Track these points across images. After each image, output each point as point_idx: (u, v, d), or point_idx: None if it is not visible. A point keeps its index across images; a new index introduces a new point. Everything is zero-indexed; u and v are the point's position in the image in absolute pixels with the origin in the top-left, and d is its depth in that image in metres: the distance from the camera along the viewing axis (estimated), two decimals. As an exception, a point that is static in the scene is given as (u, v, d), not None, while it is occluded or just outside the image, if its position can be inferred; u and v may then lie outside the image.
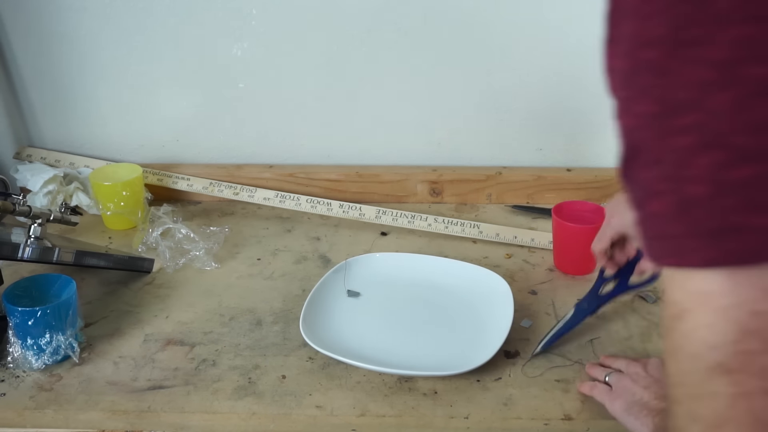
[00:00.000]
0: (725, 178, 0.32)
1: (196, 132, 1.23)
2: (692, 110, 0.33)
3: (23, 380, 0.80)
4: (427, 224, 1.11)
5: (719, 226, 0.33)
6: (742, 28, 0.31)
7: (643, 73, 0.35)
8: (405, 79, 1.16)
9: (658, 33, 0.33)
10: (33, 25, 1.15)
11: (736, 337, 0.34)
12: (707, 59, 0.32)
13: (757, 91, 0.32)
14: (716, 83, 0.32)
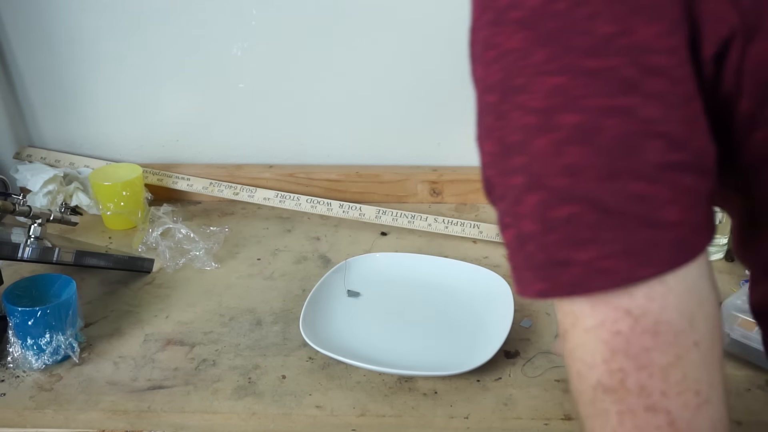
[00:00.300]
0: (549, 217, 0.35)
1: (196, 132, 1.23)
2: (521, 153, 0.36)
3: (23, 380, 0.80)
4: (427, 224, 1.11)
5: (547, 260, 0.36)
6: (555, 79, 0.35)
7: (486, 115, 0.38)
8: (405, 79, 1.16)
9: (495, 79, 0.37)
10: (33, 25, 1.15)
11: (606, 356, 0.36)
12: (529, 106, 0.35)
13: (569, 137, 0.34)
14: (537, 129, 0.35)
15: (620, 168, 0.34)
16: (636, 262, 0.34)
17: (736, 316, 0.79)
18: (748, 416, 0.73)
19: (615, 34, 0.34)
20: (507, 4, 0.36)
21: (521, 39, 0.35)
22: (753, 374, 0.78)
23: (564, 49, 0.35)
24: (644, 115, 0.34)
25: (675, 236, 0.35)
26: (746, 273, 0.98)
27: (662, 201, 0.35)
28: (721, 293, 0.93)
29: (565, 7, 0.34)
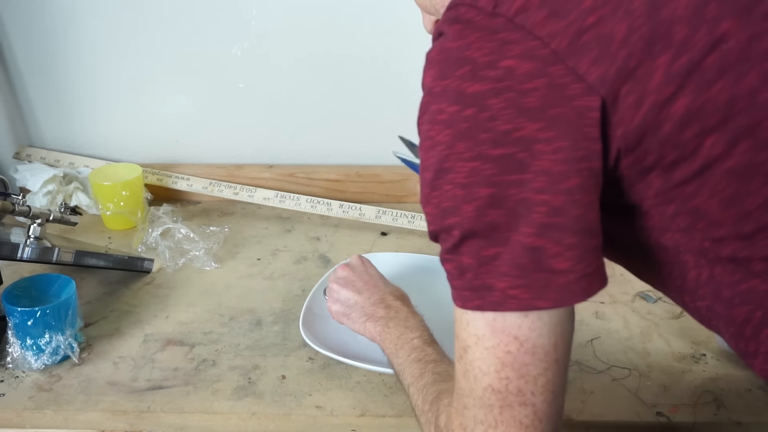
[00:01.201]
0: (482, 255, 0.48)
1: (196, 132, 1.23)
2: (454, 215, 0.49)
3: (22, 380, 0.79)
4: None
5: (480, 285, 0.48)
6: (472, 164, 0.47)
7: (425, 187, 0.51)
8: (405, 79, 1.16)
9: (431, 162, 0.50)
10: (33, 25, 1.15)
11: (497, 368, 0.49)
12: (456, 182, 0.48)
13: (487, 203, 0.47)
14: (463, 198, 0.48)
15: (520, 224, 0.47)
16: (534, 295, 0.47)
17: (737, 316, 0.79)
18: (749, 417, 0.73)
19: (510, 131, 0.46)
20: (435, 109, 0.50)
21: (446, 135, 0.49)
22: (753, 374, 0.78)
23: (475, 142, 0.47)
24: (533, 186, 0.46)
25: (564, 281, 0.47)
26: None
27: (550, 253, 0.46)
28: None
29: (472, 112, 0.47)
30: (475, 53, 0.48)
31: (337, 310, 0.81)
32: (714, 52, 0.44)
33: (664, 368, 0.80)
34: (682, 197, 0.48)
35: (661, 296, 0.93)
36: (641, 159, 0.47)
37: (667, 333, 0.86)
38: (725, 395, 0.76)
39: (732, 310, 0.50)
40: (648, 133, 0.46)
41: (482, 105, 0.47)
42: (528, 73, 0.46)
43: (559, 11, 0.46)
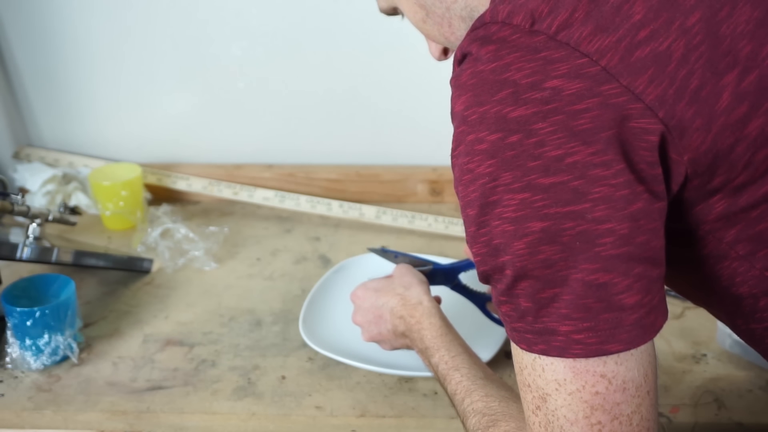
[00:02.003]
0: (540, 297, 0.44)
1: (195, 132, 1.23)
2: (505, 253, 0.45)
3: (22, 381, 0.79)
4: (427, 224, 1.10)
5: (542, 329, 0.44)
6: (521, 195, 0.43)
7: (470, 225, 0.47)
8: (405, 79, 1.16)
9: (474, 197, 0.46)
10: (33, 25, 1.15)
11: (586, 413, 0.44)
12: (505, 217, 0.44)
13: (540, 239, 0.43)
14: (513, 234, 0.44)
15: (580, 261, 0.43)
16: (603, 338, 0.43)
17: (738, 316, 0.79)
18: (750, 417, 0.73)
19: (561, 156, 0.43)
20: (473, 139, 0.45)
21: (488, 165, 0.44)
22: (754, 375, 0.78)
23: (524, 172, 0.43)
24: (593, 217, 0.42)
25: (635, 318, 0.43)
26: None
27: (618, 288, 0.43)
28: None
29: (518, 138, 0.43)
30: (515, 75, 0.44)
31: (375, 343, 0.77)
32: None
33: (664, 368, 0.80)
34: (746, 222, 0.45)
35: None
36: (707, 182, 0.45)
37: (667, 333, 0.86)
38: (726, 396, 0.75)
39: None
40: (719, 156, 0.43)
41: (528, 130, 0.43)
42: (577, 93, 0.42)
43: (606, 26, 0.43)
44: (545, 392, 0.45)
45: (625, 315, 0.43)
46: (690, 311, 0.90)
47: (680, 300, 0.92)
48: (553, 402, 0.45)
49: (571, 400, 0.44)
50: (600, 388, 0.44)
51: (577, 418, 0.44)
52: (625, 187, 0.42)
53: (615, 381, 0.44)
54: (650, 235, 0.44)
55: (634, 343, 0.44)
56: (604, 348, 0.43)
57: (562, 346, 0.44)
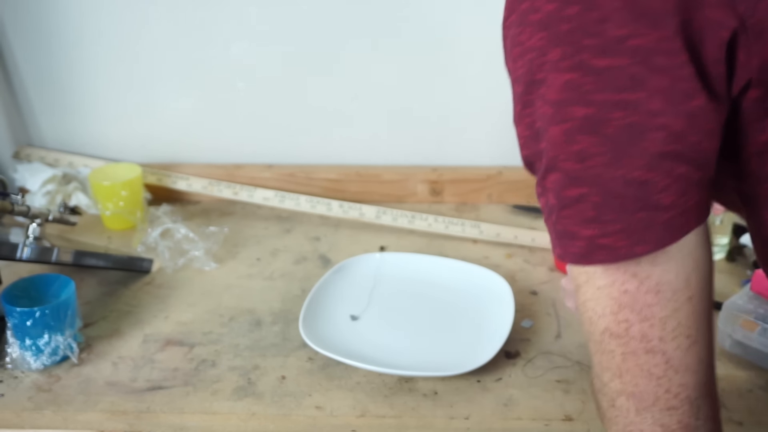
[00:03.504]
0: (563, 195, 0.41)
1: (195, 132, 1.23)
2: (543, 138, 0.42)
3: (21, 381, 0.79)
4: (427, 224, 1.10)
5: (562, 231, 0.42)
6: (568, 75, 0.39)
7: (516, 103, 0.44)
8: (405, 79, 1.16)
9: (521, 73, 0.42)
10: (33, 25, 1.15)
11: (613, 309, 0.43)
12: (547, 98, 0.41)
13: (580, 127, 0.40)
14: (552, 118, 0.40)
15: (624, 156, 0.39)
16: (634, 240, 0.40)
17: (738, 316, 0.79)
18: (749, 417, 0.73)
19: (624, 37, 0.38)
20: (527, 8, 0.41)
21: (539, 38, 0.40)
22: (754, 375, 0.78)
23: (576, 49, 0.39)
24: (648, 109, 0.38)
25: (667, 218, 0.40)
26: (747, 273, 0.98)
27: (659, 186, 0.40)
28: (721, 293, 0.92)
29: (577, 11, 0.39)
30: None
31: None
32: None
33: (664, 368, 0.80)
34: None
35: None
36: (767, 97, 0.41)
37: (667, 333, 0.86)
38: (726, 396, 0.75)
39: None
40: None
41: (590, 3, 0.38)
42: None
43: None
44: (578, 282, 0.45)
45: (658, 215, 0.40)
46: (690, 311, 0.90)
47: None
48: (583, 293, 0.44)
49: (599, 294, 0.43)
50: (630, 287, 0.42)
51: (604, 313, 0.43)
52: (687, 81, 0.39)
53: (647, 282, 0.41)
54: (703, 136, 0.40)
55: (661, 244, 0.41)
56: (633, 251, 0.40)
57: (580, 253, 0.42)
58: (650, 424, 0.44)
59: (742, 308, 0.80)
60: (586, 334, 0.46)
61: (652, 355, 0.42)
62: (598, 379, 0.47)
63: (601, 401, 0.48)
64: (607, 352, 0.44)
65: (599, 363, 0.45)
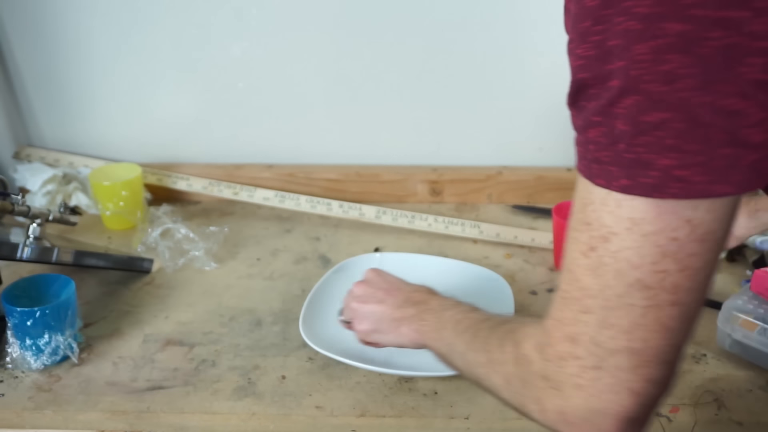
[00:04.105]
0: (640, 120, 0.37)
1: (195, 132, 1.23)
2: (620, 57, 0.37)
3: (22, 381, 0.79)
4: (427, 224, 1.10)
5: (633, 160, 0.38)
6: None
7: (584, 19, 0.39)
8: (405, 79, 1.16)
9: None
10: (33, 25, 1.15)
11: (655, 259, 0.40)
12: (635, 12, 0.36)
13: (671, 45, 0.36)
14: (639, 34, 0.36)
15: (717, 80, 0.36)
16: (714, 177, 0.37)
17: (737, 316, 0.79)
18: (749, 417, 0.73)
19: None
20: None
21: None
22: (754, 375, 0.78)
23: None
24: (750, 30, 0.35)
25: (754, 159, 0.37)
26: (747, 273, 0.98)
27: (751, 120, 0.36)
28: (721, 293, 0.93)
29: None
30: None
31: (365, 329, 0.73)
32: None
33: (664, 368, 0.80)
34: None
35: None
36: None
37: (667, 333, 0.86)
38: (726, 395, 0.75)
39: None
40: None
41: None
42: None
43: None
44: (612, 231, 0.40)
45: (746, 153, 0.37)
46: (690, 311, 0.90)
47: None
48: (618, 242, 0.40)
49: (642, 242, 0.39)
50: (680, 234, 0.39)
51: (643, 263, 0.40)
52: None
53: (698, 230, 0.39)
54: None
55: (742, 187, 0.37)
56: (711, 189, 0.37)
57: (653, 183, 0.38)
58: (641, 380, 0.42)
59: (742, 308, 0.80)
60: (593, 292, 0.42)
61: (676, 307, 0.40)
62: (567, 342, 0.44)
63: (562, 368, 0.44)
64: (624, 306, 0.41)
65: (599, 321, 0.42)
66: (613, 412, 0.43)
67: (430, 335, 0.65)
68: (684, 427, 0.72)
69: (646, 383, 0.43)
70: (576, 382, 0.44)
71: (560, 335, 0.44)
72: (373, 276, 0.78)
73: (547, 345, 0.45)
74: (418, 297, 0.71)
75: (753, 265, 0.97)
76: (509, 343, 0.50)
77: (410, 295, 0.72)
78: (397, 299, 0.72)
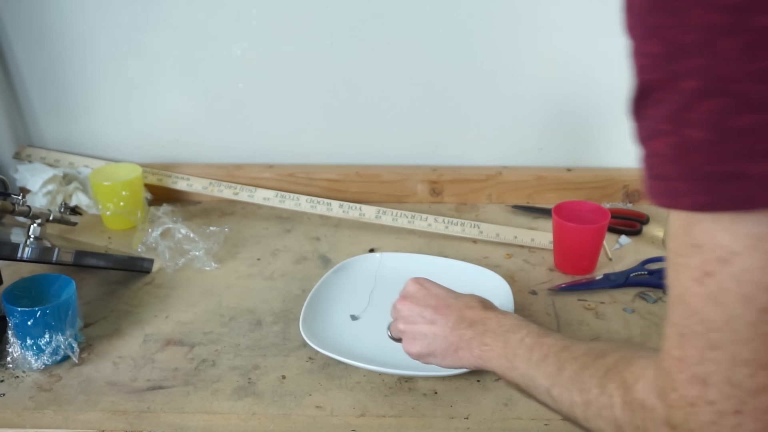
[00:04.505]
0: (726, 126, 0.33)
1: (195, 132, 1.23)
2: (699, 55, 0.33)
3: (23, 380, 0.80)
4: (427, 224, 1.11)
5: (716, 172, 0.33)
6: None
7: (655, 12, 0.34)
8: (405, 79, 1.16)
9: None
10: (33, 25, 1.15)
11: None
12: (716, 3, 0.32)
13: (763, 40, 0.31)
14: (724, 28, 0.32)
15: None
16: None
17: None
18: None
19: None
20: None
21: None
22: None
23: None
24: None
25: None
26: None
27: None
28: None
29: None
30: None
31: (418, 352, 0.68)
32: None
33: (664, 368, 0.80)
34: None
35: (661, 296, 0.93)
36: None
37: (667, 333, 0.86)
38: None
39: None
40: None
41: None
42: None
43: None
44: (730, 251, 0.35)
45: None
46: (689, 311, 0.90)
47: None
48: (740, 263, 0.35)
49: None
50: None
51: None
52: None
53: None
54: None
55: None
56: None
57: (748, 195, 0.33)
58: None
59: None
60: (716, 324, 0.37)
61: None
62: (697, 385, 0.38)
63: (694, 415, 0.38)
64: (759, 336, 0.35)
65: (730, 358, 0.36)
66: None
67: (497, 363, 0.60)
68: (683, 426, 0.72)
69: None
70: (714, 430, 0.38)
71: (686, 377, 0.38)
72: (416, 290, 0.72)
73: (671, 389, 0.39)
74: (472, 315, 0.66)
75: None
76: (613, 384, 0.44)
77: (463, 313, 0.67)
78: (449, 319, 0.67)
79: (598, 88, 1.11)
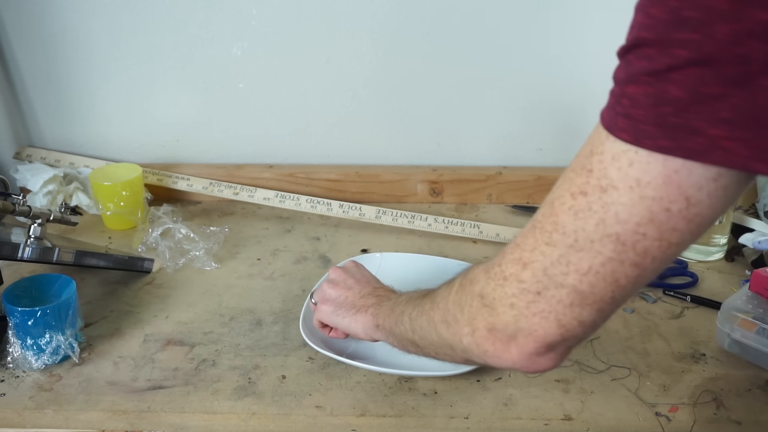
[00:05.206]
0: (701, 91, 0.37)
1: (196, 132, 1.23)
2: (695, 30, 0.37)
3: (23, 380, 0.80)
4: (427, 224, 1.11)
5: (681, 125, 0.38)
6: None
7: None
8: (405, 79, 1.16)
9: None
10: (33, 25, 1.15)
11: (641, 221, 0.41)
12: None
13: (753, 32, 0.35)
14: (726, 14, 0.36)
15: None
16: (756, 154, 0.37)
17: (736, 316, 0.79)
18: (748, 416, 0.73)
19: None
20: None
21: None
22: (753, 374, 0.78)
23: None
24: None
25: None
26: (746, 273, 0.98)
27: None
28: (720, 293, 0.93)
29: None
30: None
31: (325, 310, 0.78)
32: None
33: (663, 368, 0.80)
34: None
35: (660, 296, 0.93)
36: None
37: (666, 333, 0.86)
38: (725, 395, 0.76)
39: None
40: None
41: None
42: None
43: None
44: (612, 184, 0.41)
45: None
46: (689, 311, 0.90)
47: (679, 300, 0.92)
48: (614, 196, 0.41)
49: (638, 203, 0.41)
50: (674, 208, 0.40)
51: (629, 221, 0.41)
52: None
53: (692, 209, 0.40)
54: None
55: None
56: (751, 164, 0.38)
57: (698, 149, 0.38)
58: (572, 317, 0.45)
59: (741, 308, 0.80)
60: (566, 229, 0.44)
61: (636, 269, 0.43)
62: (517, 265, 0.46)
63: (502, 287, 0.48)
64: (591, 252, 0.43)
65: (558, 257, 0.44)
66: (537, 335, 0.47)
67: (383, 320, 0.69)
68: (683, 426, 0.72)
69: (575, 321, 0.46)
70: (511, 301, 0.47)
71: (513, 258, 0.47)
72: (350, 265, 0.83)
73: (497, 264, 0.49)
74: (383, 292, 0.75)
75: (752, 265, 0.98)
76: (458, 277, 0.53)
77: (377, 289, 0.76)
78: (364, 290, 0.77)
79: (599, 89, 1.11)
